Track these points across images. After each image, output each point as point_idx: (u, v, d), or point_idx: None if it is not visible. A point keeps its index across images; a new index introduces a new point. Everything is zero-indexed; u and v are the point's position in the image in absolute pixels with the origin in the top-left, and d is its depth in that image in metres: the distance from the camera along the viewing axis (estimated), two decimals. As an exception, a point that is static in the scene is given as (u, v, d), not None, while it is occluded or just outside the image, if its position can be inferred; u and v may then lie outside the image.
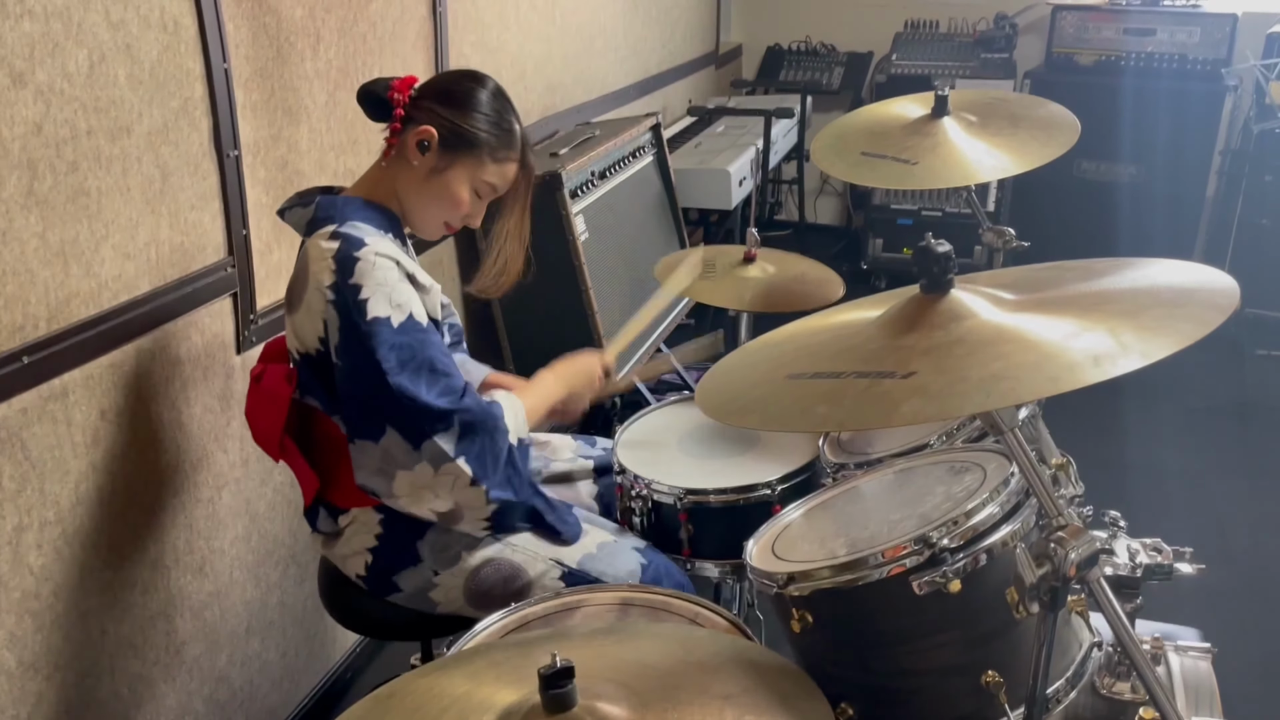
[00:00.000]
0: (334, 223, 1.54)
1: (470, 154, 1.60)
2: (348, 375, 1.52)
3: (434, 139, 1.58)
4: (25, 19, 1.44)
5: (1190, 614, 1.79)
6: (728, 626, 1.35)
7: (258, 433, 1.67)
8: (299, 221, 1.61)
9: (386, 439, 1.50)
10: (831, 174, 1.97)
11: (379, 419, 1.50)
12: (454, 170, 1.60)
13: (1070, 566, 0.94)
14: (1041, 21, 4.60)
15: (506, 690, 1.00)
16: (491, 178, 1.63)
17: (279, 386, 1.61)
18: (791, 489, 1.69)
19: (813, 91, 4.76)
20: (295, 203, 1.63)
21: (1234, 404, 3.72)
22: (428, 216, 1.65)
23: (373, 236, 1.54)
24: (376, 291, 1.49)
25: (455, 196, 1.62)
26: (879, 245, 4.57)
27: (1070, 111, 1.95)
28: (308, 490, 1.67)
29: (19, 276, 1.47)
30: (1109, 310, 0.99)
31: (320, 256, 1.51)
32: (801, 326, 1.25)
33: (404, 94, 1.59)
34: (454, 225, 1.67)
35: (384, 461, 1.52)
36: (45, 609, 1.60)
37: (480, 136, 1.59)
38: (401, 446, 1.50)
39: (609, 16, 3.65)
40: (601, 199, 2.88)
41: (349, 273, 1.49)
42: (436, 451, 1.50)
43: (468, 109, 1.59)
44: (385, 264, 1.51)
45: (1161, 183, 4.27)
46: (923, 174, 1.84)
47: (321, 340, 1.54)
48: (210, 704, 1.99)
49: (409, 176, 1.61)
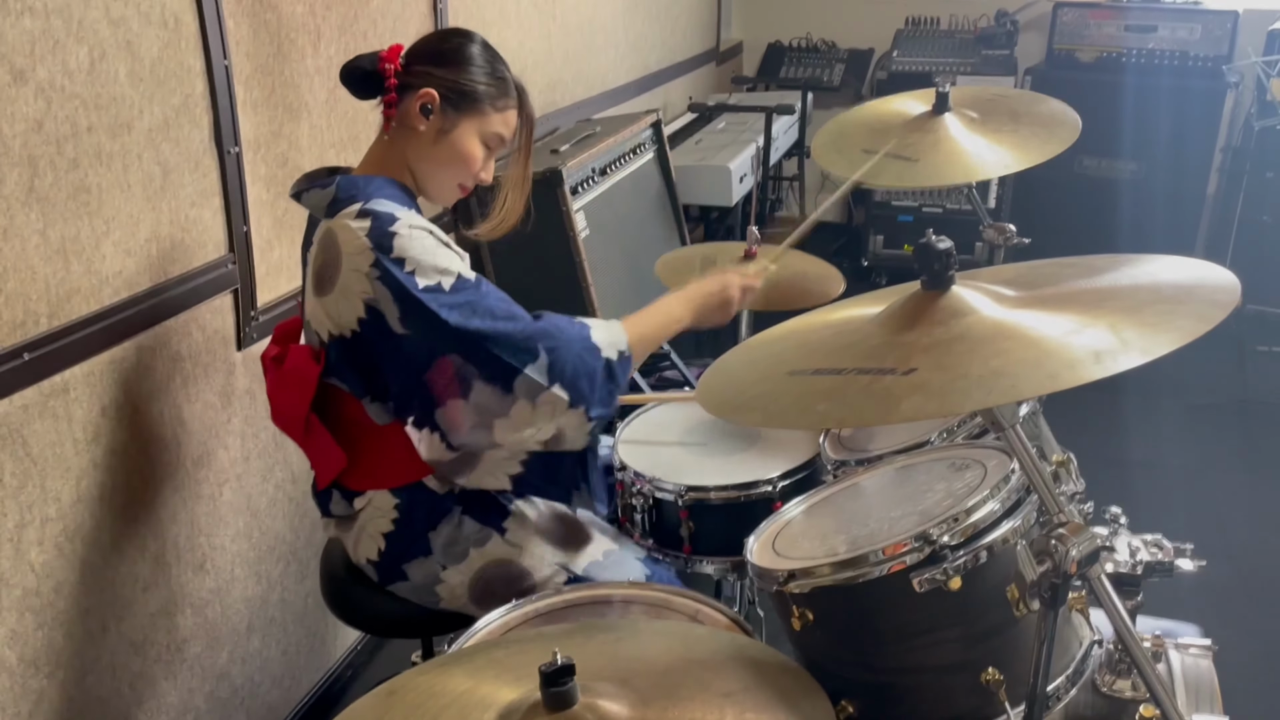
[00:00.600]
0: (359, 201, 1.53)
1: (474, 108, 1.60)
2: (418, 343, 1.50)
3: (436, 100, 1.57)
4: (26, 16, 1.44)
5: (1191, 611, 1.79)
6: (728, 624, 1.35)
7: (280, 413, 1.65)
8: (319, 203, 1.58)
9: (475, 393, 1.50)
10: (833, 171, 1.97)
11: (464, 375, 1.50)
12: (461, 127, 1.60)
13: (1071, 563, 0.94)
14: (1042, 18, 4.60)
15: (507, 688, 1.00)
16: (497, 128, 1.63)
17: (306, 366, 1.60)
18: (792, 486, 1.69)
19: (813, 88, 4.75)
20: (310, 184, 1.60)
21: (1235, 400, 3.72)
22: (442, 180, 1.64)
23: (401, 210, 1.53)
24: (420, 262, 1.48)
25: (467, 153, 1.61)
26: (880, 242, 4.57)
27: (1071, 108, 1.95)
28: (328, 471, 1.66)
29: (20, 273, 1.47)
30: (1110, 307, 0.99)
31: (353, 238, 1.50)
32: (802, 323, 1.25)
33: (394, 63, 1.58)
34: (467, 185, 1.66)
35: (479, 415, 1.51)
36: (46, 606, 1.60)
37: (480, 89, 1.59)
38: (493, 394, 1.50)
39: (609, 13, 3.64)
40: (602, 196, 2.88)
41: (388, 248, 1.48)
42: (531, 385, 1.49)
43: (462, 65, 1.58)
44: (420, 234, 1.50)
45: (1162, 179, 4.27)
46: (924, 171, 1.84)
47: (362, 321, 1.52)
48: (211, 701, 1.99)
49: (416, 143, 1.60)
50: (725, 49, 5.07)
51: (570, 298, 2.67)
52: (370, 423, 1.61)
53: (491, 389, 1.50)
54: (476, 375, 1.50)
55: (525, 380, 1.49)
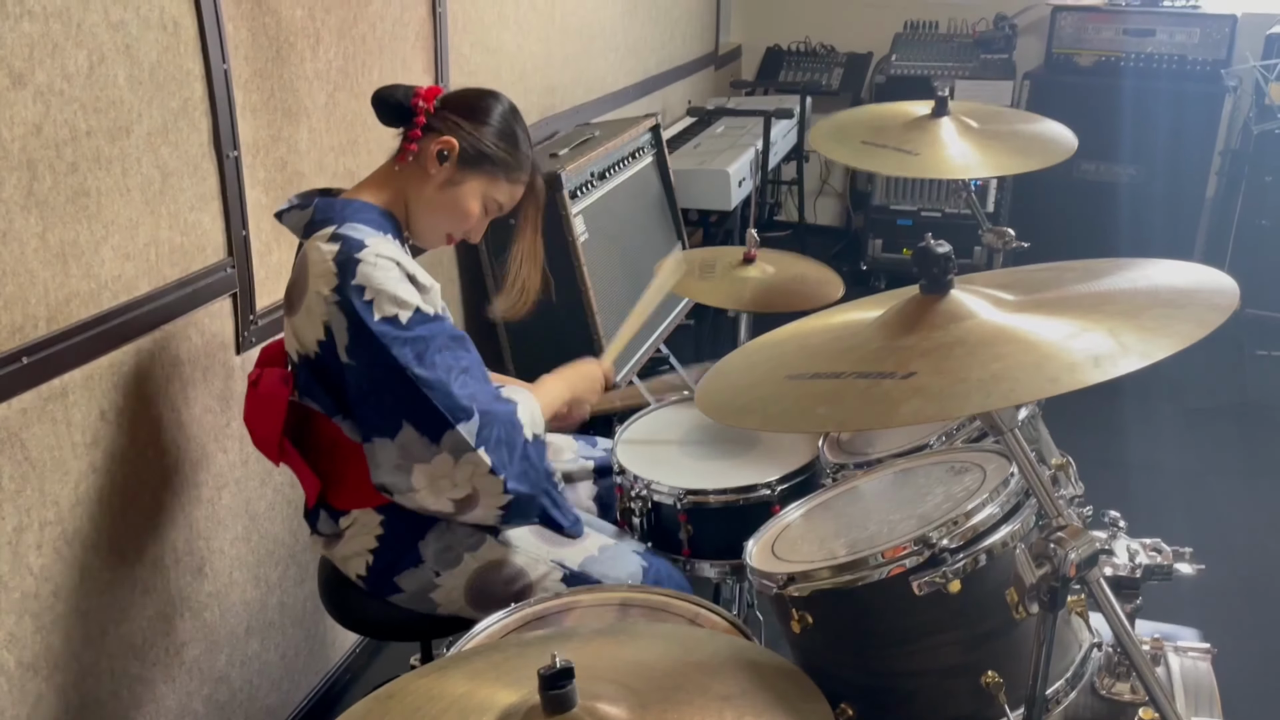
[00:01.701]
0: (333, 224, 1.54)
1: (487, 170, 1.62)
2: (362, 375, 1.51)
3: (454, 151, 1.59)
4: (25, 19, 1.44)
5: (1190, 614, 1.79)
6: (727, 627, 1.35)
7: (257, 437, 1.67)
8: (297, 224, 1.61)
9: (403, 434, 1.51)
10: (832, 158, 1.97)
11: (396, 415, 1.50)
12: (468, 184, 1.62)
13: (1070, 567, 0.94)
14: (1041, 22, 4.60)
15: (506, 691, 1.00)
16: (501, 196, 1.66)
17: (276, 389, 1.61)
18: (791, 489, 1.69)
19: (812, 92, 4.76)
20: (294, 204, 1.63)
21: (1234, 404, 3.72)
22: (433, 225, 1.66)
23: (372, 238, 1.54)
24: (380, 292, 1.49)
25: (465, 210, 1.64)
26: (878, 246, 4.57)
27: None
28: (310, 492, 1.67)
29: (19, 277, 1.47)
30: (1109, 311, 0.99)
31: (320, 259, 1.51)
32: (801, 327, 1.25)
33: (429, 102, 1.60)
34: (455, 237, 1.69)
35: (401, 457, 1.52)
36: (45, 609, 1.60)
37: (498, 155, 1.62)
38: (419, 440, 1.50)
39: (608, 17, 3.65)
40: (601, 200, 2.89)
41: (351, 274, 1.49)
42: (458, 442, 1.50)
43: (489, 126, 1.61)
44: (386, 264, 1.51)
45: (1161, 183, 4.27)
46: (924, 164, 1.84)
47: (321, 344, 1.54)
48: (210, 704, 1.99)
49: (421, 184, 1.62)
50: (724, 53, 5.08)
51: (570, 301, 2.68)
52: (348, 441, 1.61)
53: (418, 435, 1.50)
54: (407, 419, 1.50)
55: (454, 436, 1.50)
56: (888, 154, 1.87)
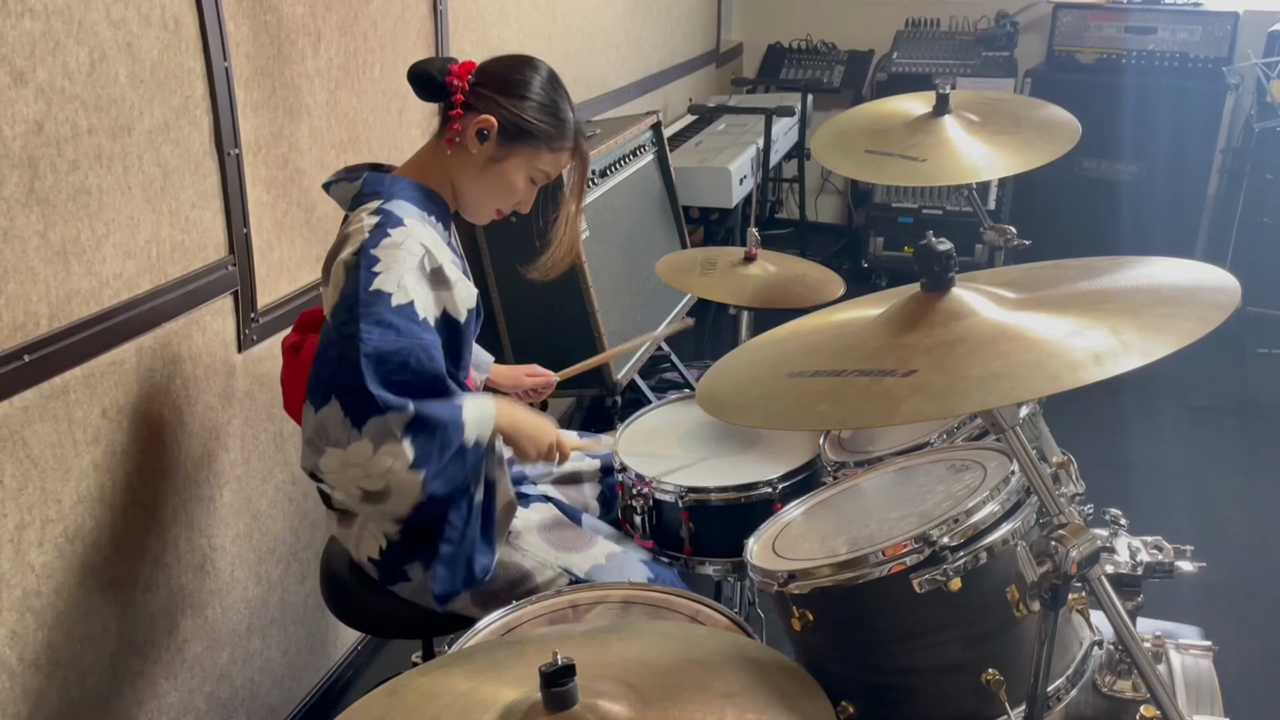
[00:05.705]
0: (380, 199, 1.54)
1: (528, 144, 1.60)
2: (329, 331, 1.47)
3: (494, 129, 1.57)
4: (26, 17, 1.44)
5: (1191, 612, 1.78)
6: (728, 624, 1.35)
7: (291, 401, 1.65)
8: (344, 196, 1.60)
9: (327, 409, 1.43)
10: (837, 171, 1.96)
11: (330, 386, 1.44)
12: (512, 160, 1.61)
13: (1071, 564, 0.94)
14: (1042, 19, 4.60)
15: (508, 688, 1.00)
16: (546, 166, 1.64)
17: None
18: (792, 487, 1.69)
19: (813, 90, 4.76)
20: (342, 177, 1.62)
21: (1235, 402, 3.72)
22: (482, 202, 1.66)
23: (413, 218, 1.53)
24: (390, 269, 1.47)
25: (511, 185, 1.62)
26: (880, 243, 4.57)
27: (1070, 113, 1.95)
28: None
29: (20, 275, 1.47)
30: (1110, 308, 0.99)
31: (360, 231, 1.50)
32: (802, 325, 1.25)
33: (463, 80, 1.58)
34: (505, 211, 1.68)
35: (316, 433, 1.45)
36: (47, 607, 1.60)
37: (539, 127, 1.60)
38: (341, 422, 1.43)
39: (609, 15, 3.65)
40: (602, 197, 2.88)
41: (375, 243, 1.48)
42: (382, 430, 1.42)
43: (527, 99, 1.59)
44: (413, 248, 1.49)
45: (1162, 181, 4.27)
46: (931, 170, 1.84)
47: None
48: (211, 702, 1.99)
49: (465, 163, 1.61)
50: (725, 50, 5.07)
51: (570, 299, 2.67)
52: None
53: (342, 416, 1.42)
54: (338, 395, 1.43)
55: (380, 423, 1.42)
56: (894, 163, 1.86)
